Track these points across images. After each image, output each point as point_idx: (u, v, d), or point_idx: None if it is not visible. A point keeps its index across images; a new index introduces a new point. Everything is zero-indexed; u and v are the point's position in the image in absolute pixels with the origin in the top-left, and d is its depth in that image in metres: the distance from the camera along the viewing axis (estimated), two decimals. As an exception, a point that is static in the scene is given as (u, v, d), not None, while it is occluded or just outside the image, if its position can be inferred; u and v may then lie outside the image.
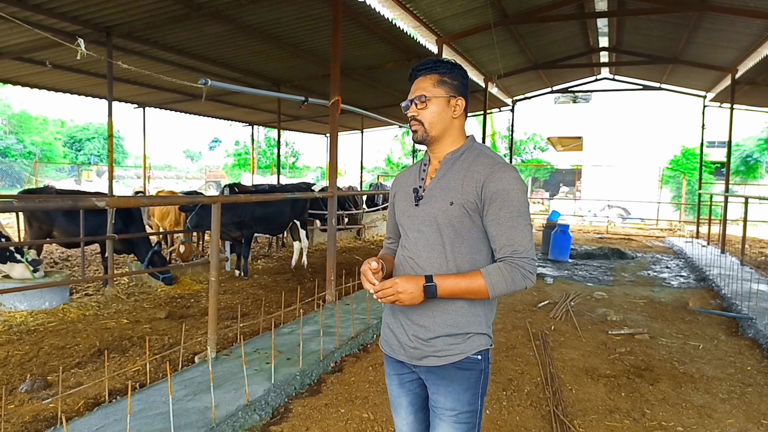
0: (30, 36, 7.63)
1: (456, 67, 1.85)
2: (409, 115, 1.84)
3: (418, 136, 1.85)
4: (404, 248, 1.88)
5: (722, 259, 10.01)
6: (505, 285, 1.69)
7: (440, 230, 1.77)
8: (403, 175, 2.03)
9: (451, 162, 1.83)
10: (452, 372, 1.79)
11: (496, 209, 1.71)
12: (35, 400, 3.75)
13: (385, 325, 1.96)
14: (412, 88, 1.86)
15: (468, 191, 1.74)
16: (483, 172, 1.74)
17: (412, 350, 1.83)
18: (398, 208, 1.94)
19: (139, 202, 6.08)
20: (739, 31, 9.75)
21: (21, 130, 39.56)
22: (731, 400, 3.94)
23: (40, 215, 7.13)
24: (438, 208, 1.78)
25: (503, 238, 1.71)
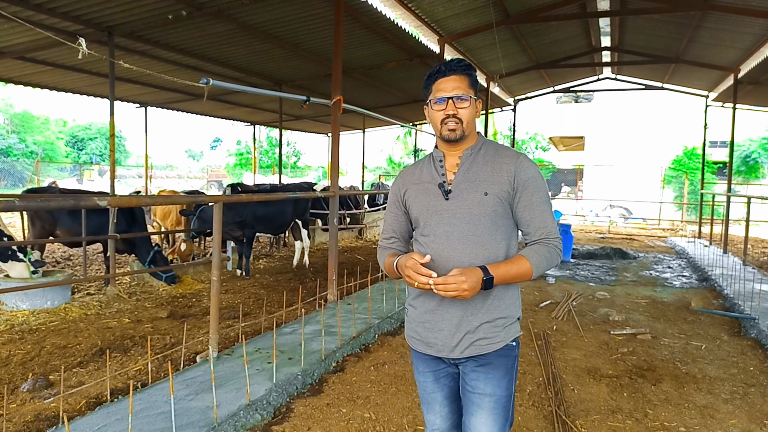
0: (32, 35, 7.63)
1: (475, 71, 1.95)
2: (447, 113, 1.85)
3: (457, 134, 1.87)
4: (433, 244, 1.87)
5: (724, 259, 9.99)
6: (545, 264, 1.86)
7: (475, 221, 1.84)
8: (410, 173, 2.04)
9: (471, 156, 1.91)
10: (493, 359, 1.89)
11: (528, 195, 1.86)
12: (37, 399, 3.76)
13: (418, 324, 1.95)
14: (442, 85, 1.87)
15: (500, 181, 1.85)
16: (511, 162, 1.88)
17: (456, 344, 1.87)
18: (418, 205, 1.94)
19: (141, 201, 6.08)
20: (742, 31, 9.72)
21: (23, 129, 39.65)
22: (734, 401, 3.93)
23: (44, 214, 7.13)
24: (472, 200, 1.85)
25: (537, 221, 1.87)
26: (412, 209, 1.97)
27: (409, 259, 1.79)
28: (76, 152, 43.27)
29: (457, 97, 1.84)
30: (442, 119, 1.86)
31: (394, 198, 2.06)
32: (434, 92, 1.88)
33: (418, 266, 1.75)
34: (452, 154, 1.94)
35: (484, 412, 1.89)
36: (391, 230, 2.08)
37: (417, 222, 1.96)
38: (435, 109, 1.88)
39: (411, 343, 2.01)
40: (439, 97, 1.86)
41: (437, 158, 1.96)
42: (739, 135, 21.30)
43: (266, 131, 34.13)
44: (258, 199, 7.58)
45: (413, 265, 1.76)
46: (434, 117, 1.90)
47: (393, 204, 2.07)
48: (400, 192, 2.03)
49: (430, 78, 1.92)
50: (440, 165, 1.94)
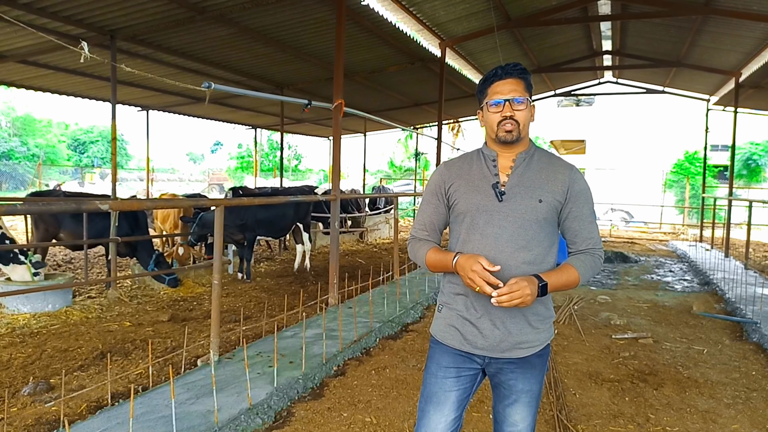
0: (35, 39, 7.65)
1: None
2: (504, 114, 1.86)
3: (513, 135, 1.88)
4: (479, 243, 1.87)
5: (726, 262, 9.97)
6: (591, 273, 1.94)
7: (526, 226, 1.87)
8: (456, 166, 2.01)
9: (525, 161, 1.93)
10: (533, 359, 1.94)
11: (579, 207, 1.93)
12: (38, 402, 3.75)
13: (456, 318, 1.95)
14: (498, 88, 1.88)
15: (555, 190, 1.90)
16: (566, 173, 1.93)
17: (498, 343, 1.89)
18: (467, 201, 1.92)
19: (142, 204, 6.08)
20: (743, 35, 9.73)
21: (25, 132, 39.74)
22: (736, 405, 3.92)
23: (47, 217, 7.15)
24: (526, 205, 1.87)
25: (585, 232, 1.94)
26: (459, 204, 1.94)
27: (475, 262, 1.76)
28: (78, 155, 43.35)
29: (514, 99, 1.86)
30: (498, 121, 1.88)
31: (436, 189, 2.02)
32: (490, 95, 1.90)
33: (487, 274, 1.74)
34: (505, 156, 1.95)
35: (520, 405, 1.97)
36: (429, 222, 2.04)
37: (462, 218, 1.94)
38: (492, 111, 1.89)
39: (443, 338, 1.99)
40: (496, 100, 1.87)
41: (490, 157, 1.96)
42: (741, 139, 21.29)
43: (267, 134, 34.19)
44: (259, 202, 7.59)
45: (481, 271, 1.75)
46: (490, 119, 1.91)
47: (433, 195, 2.03)
48: (445, 184, 1.99)
49: (486, 81, 1.93)
50: (493, 164, 1.94)
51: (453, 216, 2.00)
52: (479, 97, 1.97)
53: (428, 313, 6.40)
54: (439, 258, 1.94)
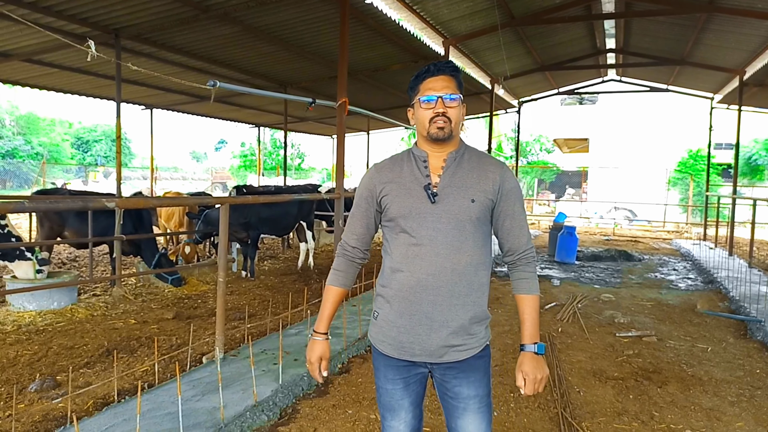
0: (40, 38, 7.68)
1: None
2: (436, 111, 1.82)
3: (445, 132, 1.83)
4: (415, 248, 1.83)
5: (730, 261, 9.96)
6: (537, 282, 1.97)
7: (460, 227, 1.83)
8: (386, 169, 1.94)
9: (456, 161, 1.88)
10: (473, 362, 1.89)
11: (510, 205, 1.90)
12: (45, 399, 3.78)
13: (393, 327, 1.90)
14: (431, 84, 1.84)
15: (486, 189, 1.86)
16: (497, 171, 1.89)
17: (435, 349, 1.85)
18: (399, 205, 1.85)
19: (148, 202, 6.11)
20: (747, 33, 9.70)
21: (29, 131, 39.87)
22: (740, 403, 3.92)
23: (53, 215, 7.18)
24: (459, 206, 1.83)
25: (517, 230, 1.92)
26: (391, 209, 1.87)
27: (311, 353, 1.99)
28: (82, 154, 43.46)
29: (447, 96, 1.82)
30: (430, 117, 1.83)
31: (367, 194, 1.94)
32: (422, 91, 1.85)
33: (316, 372, 2.01)
34: (436, 156, 1.89)
35: (470, 413, 1.91)
36: (360, 229, 1.97)
37: (394, 222, 1.87)
38: (423, 107, 1.85)
39: (381, 348, 1.96)
40: (428, 96, 1.83)
41: (420, 157, 1.90)
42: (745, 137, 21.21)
43: (271, 133, 34.19)
44: (263, 200, 7.61)
45: (314, 370, 1.99)
46: (422, 116, 1.86)
47: (364, 200, 1.95)
48: (376, 188, 1.91)
49: (417, 78, 1.89)
50: (424, 165, 1.88)
51: (385, 220, 1.92)
52: (410, 95, 1.93)
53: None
54: (322, 308, 2.01)
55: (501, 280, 8.50)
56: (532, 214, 24.25)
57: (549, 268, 9.80)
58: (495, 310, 6.57)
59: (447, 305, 1.83)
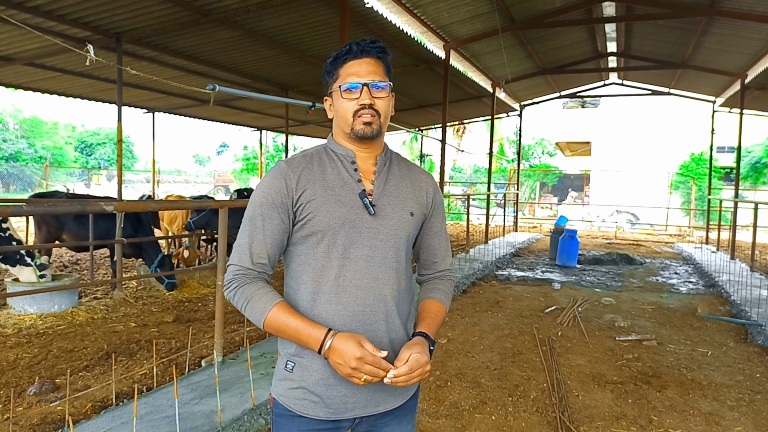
0: (41, 42, 7.72)
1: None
2: (362, 102, 1.47)
3: (373, 129, 1.49)
4: (348, 272, 1.47)
5: (732, 265, 9.93)
6: (449, 305, 1.68)
7: (397, 245, 1.52)
8: (304, 168, 1.50)
9: (386, 166, 1.58)
10: (408, 404, 1.62)
11: (439, 221, 1.67)
12: (43, 402, 3.78)
13: (316, 380, 1.47)
14: (354, 68, 1.49)
15: (421, 202, 1.60)
16: (429, 182, 1.65)
17: (372, 397, 1.50)
18: (328, 215, 1.46)
19: (146, 206, 6.12)
20: (749, 36, 9.70)
21: (32, 134, 40.05)
22: (740, 408, 3.91)
23: (50, 219, 7.19)
24: (398, 220, 1.52)
25: (443, 249, 1.68)
26: (317, 219, 1.45)
27: (358, 347, 1.33)
28: (85, 157, 43.60)
29: (374, 84, 1.48)
30: (355, 111, 1.47)
31: (280, 200, 1.46)
32: (343, 77, 1.49)
33: (379, 360, 1.35)
34: (363, 157, 1.55)
35: None
36: (269, 247, 1.48)
37: (318, 238, 1.47)
38: (345, 97, 1.48)
39: (300, 408, 1.49)
40: (352, 83, 1.47)
41: (346, 157, 1.53)
42: (747, 140, 21.20)
43: (272, 136, 34.26)
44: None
45: (373, 359, 1.34)
46: (343, 108, 1.49)
47: (273, 207, 1.46)
48: (293, 192, 1.47)
49: (336, 60, 1.52)
50: (354, 168, 1.52)
51: (300, 236, 1.49)
52: (327, 80, 1.56)
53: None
54: (292, 329, 1.41)
55: (502, 284, 8.49)
56: (534, 217, 24.24)
57: (550, 272, 9.79)
58: (495, 313, 6.57)
59: (386, 343, 1.48)
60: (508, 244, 12.93)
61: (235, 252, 1.49)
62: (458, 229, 17.99)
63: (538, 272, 9.72)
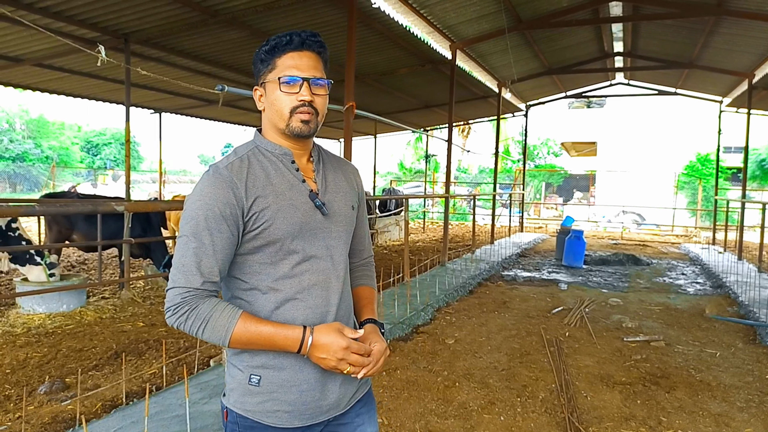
0: (50, 43, 7.76)
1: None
2: (302, 99, 1.41)
3: (310, 128, 1.44)
4: (311, 275, 1.44)
5: (739, 265, 9.89)
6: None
7: (347, 241, 1.55)
8: (248, 172, 1.41)
9: (321, 161, 1.56)
10: (370, 393, 1.68)
11: (363, 211, 1.69)
12: (54, 401, 3.81)
13: (289, 389, 1.43)
14: (293, 61, 1.41)
15: (354, 194, 1.61)
16: (355, 172, 1.68)
17: (344, 395, 1.52)
18: (286, 222, 1.40)
19: (156, 206, 6.15)
20: (757, 36, 9.66)
21: (39, 134, 40.23)
22: (749, 409, 3.90)
23: (61, 219, 7.23)
24: (345, 216, 1.53)
25: (366, 238, 1.73)
26: (273, 228, 1.38)
27: (341, 336, 1.36)
28: (91, 157, 43.78)
29: (315, 80, 1.42)
30: (294, 106, 1.41)
31: (228, 211, 1.36)
32: (281, 68, 1.41)
33: (363, 346, 1.40)
34: (299, 155, 1.51)
35: None
36: (220, 262, 1.37)
37: (276, 247, 1.40)
38: (284, 90, 1.40)
39: (271, 421, 1.43)
40: (292, 76, 1.40)
41: (285, 157, 1.47)
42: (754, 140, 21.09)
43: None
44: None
45: (361, 349, 1.38)
46: (280, 102, 1.42)
47: (221, 220, 1.35)
48: (242, 201, 1.37)
49: (275, 50, 1.42)
50: (295, 168, 1.47)
51: (253, 246, 1.40)
52: (260, 68, 1.46)
53: (438, 315, 6.41)
54: (266, 333, 1.34)
55: (508, 284, 8.48)
56: (540, 217, 24.20)
57: (556, 273, 9.77)
58: (502, 314, 6.56)
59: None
60: (513, 244, 12.92)
61: (179, 273, 1.35)
62: (464, 229, 17.98)
63: (544, 273, 9.71)
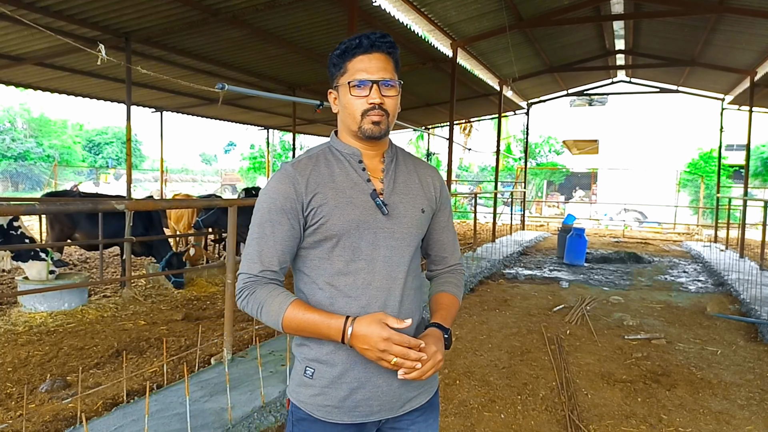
0: (51, 41, 7.76)
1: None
2: (372, 101, 1.43)
3: (381, 129, 1.46)
4: (367, 274, 1.44)
5: (741, 263, 9.87)
6: (461, 296, 1.65)
7: (411, 244, 1.51)
8: (313, 170, 1.47)
9: (393, 163, 1.55)
10: (433, 400, 1.61)
11: (446, 215, 1.65)
12: (55, 399, 3.82)
13: (340, 385, 1.44)
14: (363, 64, 1.44)
15: (430, 197, 1.58)
16: (435, 176, 1.63)
17: (398, 398, 1.49)
18: (342, 219, 1.43)
19: (157, 205, 6.15)
20: (758, 33, 9.63)
21: (40, 133, 40.28)
22: (750, 407, 3.89)
23: (63, 218, 7.25)
24: (411, 218, 1.51)
25: (451, 244, 1.66)
26: (330, 223, 1.42)
27: (382, 327, 1.30)
28: (93, 156, 43.84)
29: (384, 82, 1.43)
30: (364, 110, 1.43)
31: (289, 205, 1.43)
32: (352, 72, 1.44)
33: (407, 338, 1.32)
34: (370, 156, 1.52)
35: None
36: (280, 254, 1.44)
37: (333, 243, 1.44)
38: (354, 94, 1.43)
39: (321, 415, 1.46)
40: (361, 79, 1.42)
41: (353, 156, 1.50)
42: (756, 138, 21.03)
43: (279, 135, 34.34)
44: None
45: (399, 338, 1.31)
46: (351, 105, 1.45)
47: (283, 213, 1.43)
48: (302, 196, 1.43)
49: (345, 53, 1.45)
50: (362, 168, 1.49)
51: (313, 240, 1.45)
52: (333, 72, 1.49)
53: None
54: (311, 323, 1.37)
55: (510, 282, 8.48)
56: (541, 215, 24.17)
57: (558, 270, 9.77)
58: (503, 312, 6.56)
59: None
60: (515, 242, 12.91)
61: (245, 260, 1.45)
62: (465, 227, 17.98)
63: (545, 271, 9.70)
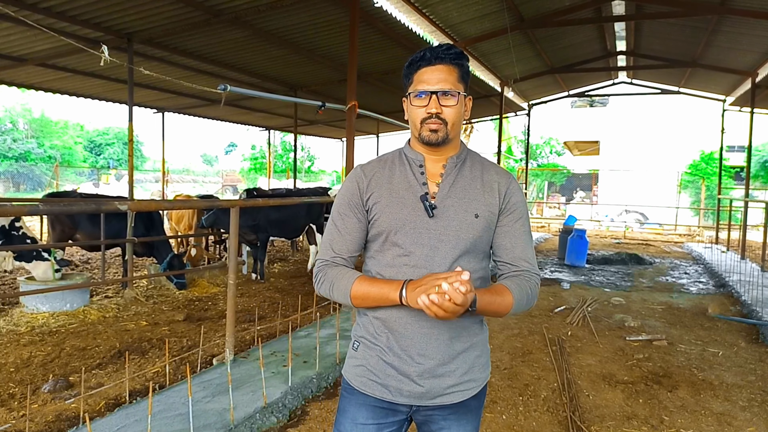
0: (53, 42, 7.78)
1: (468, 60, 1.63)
2: (429, 111, 1.53)
3: (439, 137, 1.55)
4: (407, 268, 1.55)
5: (742, 265, 9.87)
6: (525, 303, 1.58)
7: (459, 246, 1.55)
8: (376, 171, 1.64)
9: (456, 167, 1.62)
10: (470, 403, 1.63)
11: (513, 221, 1.63)
12: (58, 400, 3.82)
13: (376, 360, 1.60)
14: (425, 75, 1.54)
15: (491, 202, 1.60)
16: (502, 182, 1.63)
17: (429, 389, 1.57)
18: (390, 217, 1.56)
19: (159, 205, 6.16)
20: (760, 35, 9.63)
21: (42, 134, 40.33)
22: (752, 408, 3.90)
23: (64, 218, 7.26)
24: (460, 221, 1.56)
25: (519, 250, 1.62)
26: (381, 220, 1.57)
27: (436, 286, 1.35)
28: (94, 157, 43.87)
29: (443, 92, 1.52)
30: (423, 118, 1.54)
31: (353, 200, 1.62)
32: (415, 83, 1.56)
33: (455, 274, 1.35)
34: (433, 160, 1.62)
35: None
36: (348, 243, 1.62)
37: (383, 237, 1.58)
38: (415, 104, 1.56)
39: (360, 385, 1.63)
40: (421, 91, 1.53)
41: (415, 161, 1.62)
42: (757, 139, 21.03)
43: (281, 136, 34.35)
44: (273, 203, 7.65)
45: (453, 275, 1.35)
46: (413, 113, 1.57)
47: (350, 207, 1.62)
48: (363, 193, 1.61)
49: (411, 65, 1.58)
50: (420, 171, 1.60)
51: (372, 234, 1.62)
52: (404, 83, 1.61)
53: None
54: (375, 290, 1.52)
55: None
56: (542, 217, 24.17)
57: (559, 272, 9.77)
58: (504, 313, 6.56)
59: (445, 340, 1.56)
60: (516, 243, 12.87)
61: (320, 248, 1.67)
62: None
63: (547, 272, 9.70)
